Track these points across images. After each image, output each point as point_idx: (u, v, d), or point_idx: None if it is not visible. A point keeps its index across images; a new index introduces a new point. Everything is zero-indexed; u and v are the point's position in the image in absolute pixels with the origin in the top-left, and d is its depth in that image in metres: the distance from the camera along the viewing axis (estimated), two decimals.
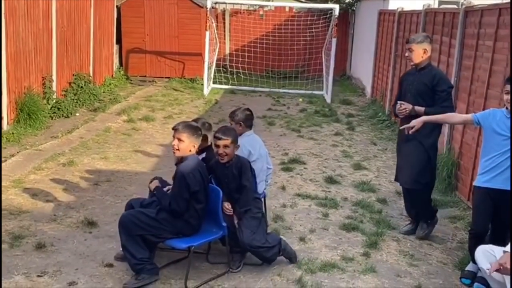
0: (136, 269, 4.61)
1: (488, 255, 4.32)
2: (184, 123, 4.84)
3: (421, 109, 5.60)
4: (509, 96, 4.57)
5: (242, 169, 4.90)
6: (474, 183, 4.83)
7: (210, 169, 4.97)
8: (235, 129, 5.16)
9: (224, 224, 4.80)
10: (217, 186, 4.90)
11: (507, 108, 4.62)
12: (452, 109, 5.69)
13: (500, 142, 4.62)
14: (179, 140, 4.66)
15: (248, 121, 5.47)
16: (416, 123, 5.11)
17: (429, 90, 5.69)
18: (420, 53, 5.78)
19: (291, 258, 5.13)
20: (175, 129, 4.73)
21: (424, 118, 5.20)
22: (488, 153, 4.73)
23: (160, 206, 4.69)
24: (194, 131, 4.73)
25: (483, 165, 4.77)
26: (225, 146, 4.82)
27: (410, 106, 5.65)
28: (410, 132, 5.21)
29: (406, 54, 5.89)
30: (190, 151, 4.70)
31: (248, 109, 5.61)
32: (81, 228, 5.73)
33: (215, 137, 4.91)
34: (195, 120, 5.35)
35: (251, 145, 5.34)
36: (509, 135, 4.57)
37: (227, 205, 4.88)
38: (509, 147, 4.58)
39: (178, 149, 4.69)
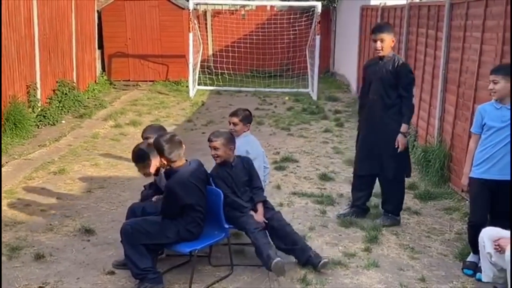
0: (138, 278, 4.54)
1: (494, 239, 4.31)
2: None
3: (405, 127, 5.73)
4: (493, 85, 4.66)
5: (249, 163, 5.16)
6: (470, 175, 4.86)
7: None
8: (228, 132, 5.21)
9: (226, 226, 4.77)
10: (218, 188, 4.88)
11: (495, 99, 4.70)
12: (411, 101, 5.76)
13: (492, 134, 4.69)
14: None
15: (247, 119, 5.58)
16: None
17: (392, 77, 5.69)
18: (390, 43, 5.72)
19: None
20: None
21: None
22: (481, 145, 4.79)
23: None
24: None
25: (477, 156, 4.81)
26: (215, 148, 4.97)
27: (404, 142, 5.75)
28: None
29: (378, 45, 5.67)
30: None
31: (247, 110, 5.74)
32: (78, 237, 5.65)
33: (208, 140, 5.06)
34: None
35: (249, 145, 5.41)
36: (501, 126, 4.64)
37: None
38: (501, 138, 4.64)
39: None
